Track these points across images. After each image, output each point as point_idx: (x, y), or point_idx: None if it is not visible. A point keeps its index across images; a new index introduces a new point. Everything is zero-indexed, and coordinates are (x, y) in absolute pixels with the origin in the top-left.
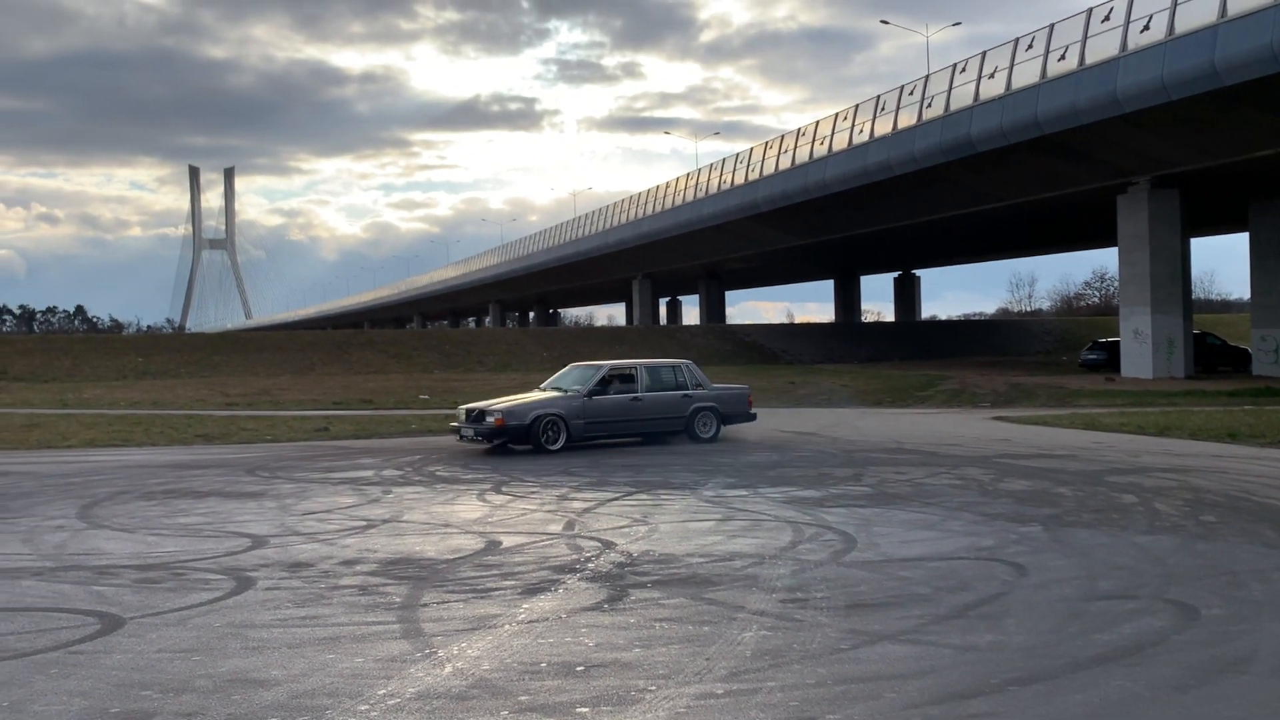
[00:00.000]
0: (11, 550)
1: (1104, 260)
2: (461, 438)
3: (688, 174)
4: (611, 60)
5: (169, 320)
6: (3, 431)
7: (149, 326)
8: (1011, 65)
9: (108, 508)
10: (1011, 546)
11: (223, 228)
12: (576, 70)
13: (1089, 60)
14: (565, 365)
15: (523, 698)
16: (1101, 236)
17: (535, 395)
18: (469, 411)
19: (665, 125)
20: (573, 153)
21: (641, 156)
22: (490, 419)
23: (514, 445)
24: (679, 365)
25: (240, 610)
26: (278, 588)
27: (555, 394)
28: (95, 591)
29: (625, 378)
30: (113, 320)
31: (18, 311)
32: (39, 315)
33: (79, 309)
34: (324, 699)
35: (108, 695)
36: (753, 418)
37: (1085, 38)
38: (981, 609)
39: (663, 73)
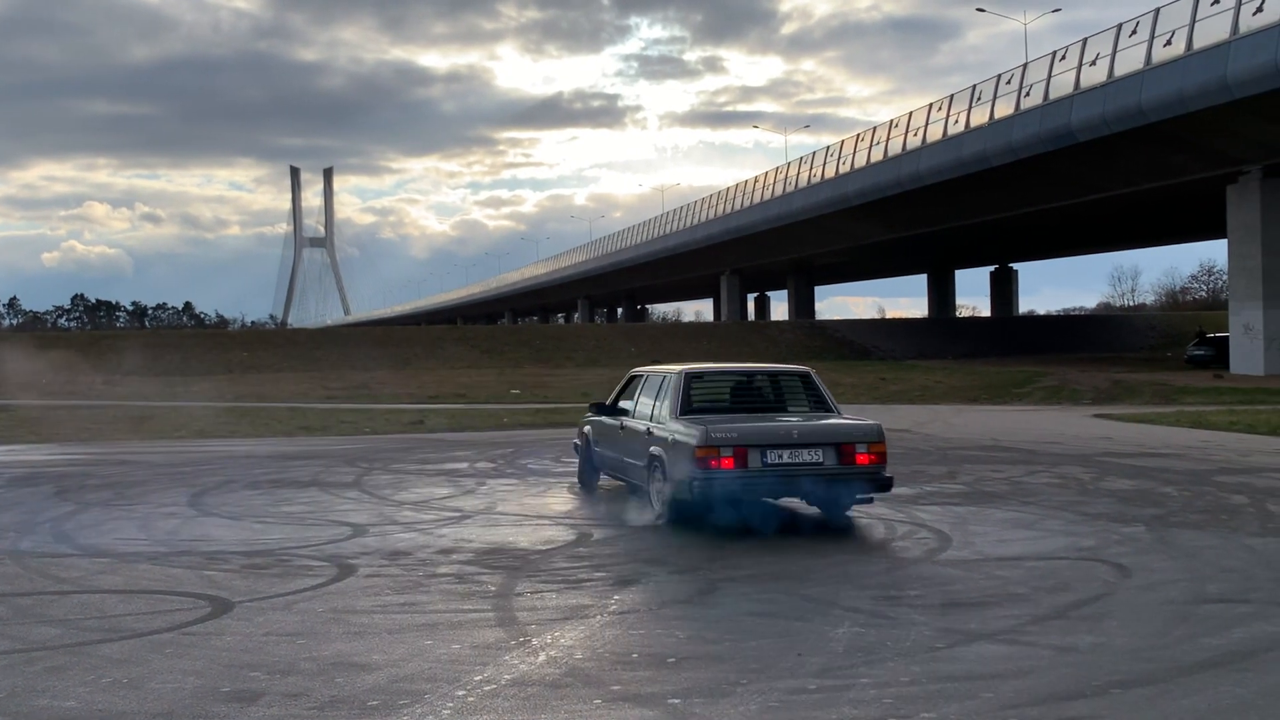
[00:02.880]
0: (128, 535)
1: (1212, 253)
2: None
3: (776, 168)
4: (692, 55)
5: (272, 316)
6: (119, 422)
7: (253, 322)
8: (1114, 52)
9: (216, 496)
10: (1114, 547)
11: (321, 226)
12: (658, 66)
13: (1197, 45)
14: (651, 360)
15: (615, 687)
16: (1209, 228)
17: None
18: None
19: (748, 120)
20: (656, 148)
21: (724, 151)
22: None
23: None
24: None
25: (342, 596)
26: (378, 575)
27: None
28: (206, 576)
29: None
30: (218, 316)
31: (130, 308)
32: (150, 311)
33: (187, 305)
34: (423, 684)
35: (219, 675)
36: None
37: (1193, 21)
38: (1082, 610)
39: (744, 67)
